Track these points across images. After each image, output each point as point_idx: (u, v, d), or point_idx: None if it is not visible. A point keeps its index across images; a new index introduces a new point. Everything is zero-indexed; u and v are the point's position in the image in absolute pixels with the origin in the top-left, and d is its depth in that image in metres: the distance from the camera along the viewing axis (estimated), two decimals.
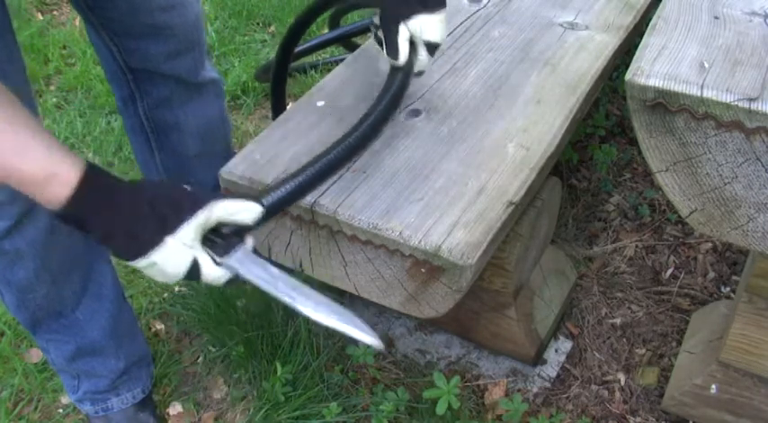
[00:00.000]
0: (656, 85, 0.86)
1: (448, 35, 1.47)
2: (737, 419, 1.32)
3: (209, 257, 0.87)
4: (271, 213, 0.94)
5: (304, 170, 0.98)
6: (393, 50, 1.07)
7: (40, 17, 2.77)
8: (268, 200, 0.93)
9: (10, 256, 1.16)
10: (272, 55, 2.17)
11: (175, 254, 0.83)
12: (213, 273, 0.87)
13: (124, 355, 1.40)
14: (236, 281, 0.90)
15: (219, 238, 0.89)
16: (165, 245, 0.82)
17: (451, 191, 1.12)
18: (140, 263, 0.83)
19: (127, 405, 1.43)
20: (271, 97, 1.74)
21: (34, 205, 1.09)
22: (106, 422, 1.43)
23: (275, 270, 0.91)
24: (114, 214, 0.81)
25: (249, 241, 0.91)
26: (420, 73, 1.13)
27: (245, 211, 0.89)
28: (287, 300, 0.89)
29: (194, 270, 0.86)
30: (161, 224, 0.83)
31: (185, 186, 0.88)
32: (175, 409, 1.48)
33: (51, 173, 0.78)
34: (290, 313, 1.42)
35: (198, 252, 0.86)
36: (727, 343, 1.22)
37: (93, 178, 0.80)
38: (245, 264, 0.89)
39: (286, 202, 0.97)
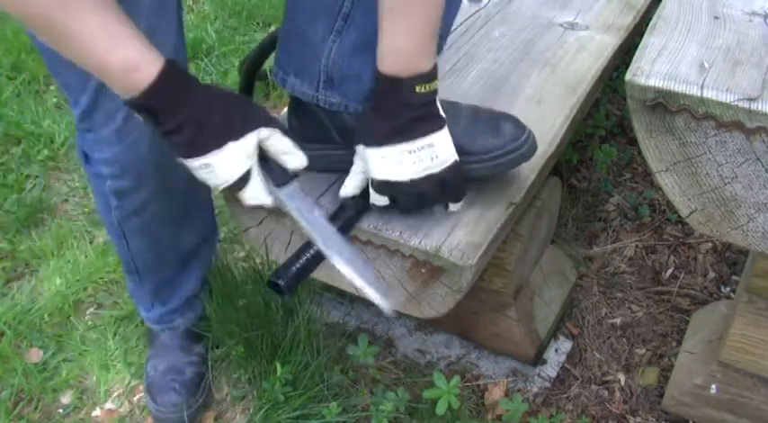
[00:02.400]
0: (656, 85, 0.86)
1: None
2: (737, 419, 1.32)
3: (262, 177, 0.91)
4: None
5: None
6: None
7: None
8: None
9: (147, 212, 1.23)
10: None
11: (234, 159, 0.88)
12: (258, 192, 0.92)
13: (195, 280, 1.47)
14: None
15: (277, 168, 0.93)
16: (226, 149, 0.87)
17: None
18: (195, 162, 0.87)
19: (189, 323, 1.50)
20: None
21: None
22: (163, 347, 1.49)
23: (319, 215, 0.97)
24: (186, 112, 0.85)
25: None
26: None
27: (294, 157, 0.94)
28: (321, 246, 0.95)
29: (243, 181, 0.90)
30: (228, 129, 0.87)
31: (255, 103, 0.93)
32: None
33: (133, 66, 0.81)
34: (290, 313, 1.42)
35: (254, 167, 0.91)
36: (727, 343, 1.22)
37: (171, 75, 0.84)
38: (295, 200, 0.94)
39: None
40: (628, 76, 0.87)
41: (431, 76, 0.95)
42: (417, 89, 0.94)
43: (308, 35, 1.01)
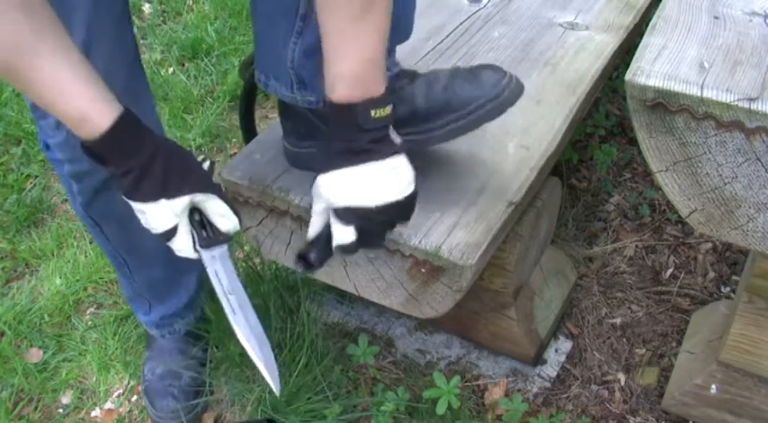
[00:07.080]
0: (656, 85, 0.86)
1: (448, 35, 1.47)
2: (737, 419, 1.32)
3: (189, 234, 0.98)
4: None
5: None
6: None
7: None
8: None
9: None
10: None
11: (163, 215, 0.94)
12: (183, 246, 0.98)
13: (196, 282, 1.46)
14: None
15: (210, 230, 0.99)
16: (158, 204, 0.93)
17: (452, 191, 1.12)
18: (133, 205, 0.94)
19: (189, 326, 1.50)
20: (242, 133, 1.66)
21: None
22: (161, 351, 1.49)
23: (237, 283, 1.01)
24: (132, 163, 0.91)
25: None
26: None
27: (227, 220, 0.98)
28: (227, 312, 1.00)
29: (170, 234, 0.96)
30: (163, 187, 0.93)
31: (204, 163, 0.98)
32: None
33: (86, 116, 0.86)
34: (290, 313, 1.42)
35: (182, 224, 0.96)
36: (727, 343, 1.22)
37: (124, 126, 0.88)
38: (215, 264, 1.00)
39: None
40: (628, 76, 0.87)
41: (384, 100, 0.91)
42: (373, 114, 0.90)
43: (272, 38, 1.01)
